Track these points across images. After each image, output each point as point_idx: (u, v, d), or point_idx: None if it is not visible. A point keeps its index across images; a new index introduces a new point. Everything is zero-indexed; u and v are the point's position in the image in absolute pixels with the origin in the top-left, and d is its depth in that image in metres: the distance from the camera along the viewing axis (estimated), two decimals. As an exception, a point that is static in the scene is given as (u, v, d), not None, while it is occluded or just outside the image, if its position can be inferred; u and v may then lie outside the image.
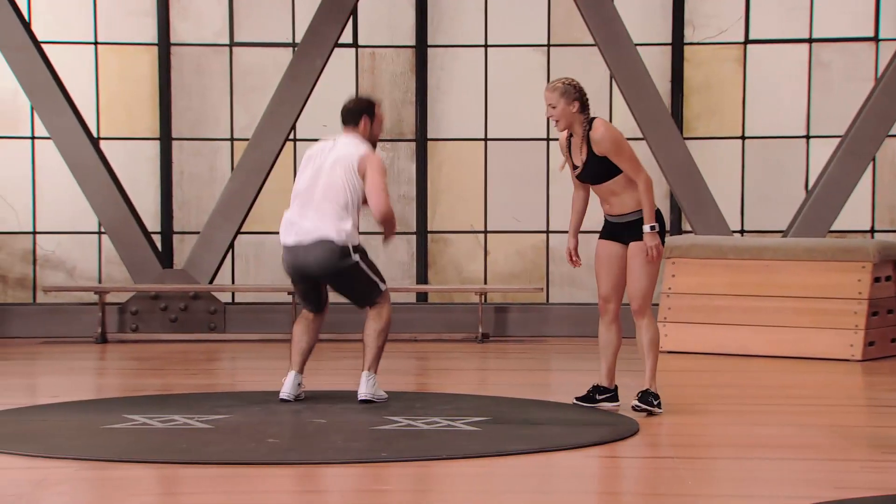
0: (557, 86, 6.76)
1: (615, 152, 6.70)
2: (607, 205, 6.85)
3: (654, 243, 6.74)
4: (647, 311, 6.84)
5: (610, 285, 6.91)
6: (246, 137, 11.38)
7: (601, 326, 6.98)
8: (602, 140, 6.69)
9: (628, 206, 6.79)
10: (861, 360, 9.43)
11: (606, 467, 5.89)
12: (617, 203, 6.81)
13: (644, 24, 11.53)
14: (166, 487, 5.46)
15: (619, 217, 6.84)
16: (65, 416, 6.86)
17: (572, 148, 6.84)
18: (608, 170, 6.73)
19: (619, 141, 6.70)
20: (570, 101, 6.73)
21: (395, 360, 9.41)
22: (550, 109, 6.76)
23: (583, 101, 6.75)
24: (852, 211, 11.17)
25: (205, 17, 11.67)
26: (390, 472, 5.59)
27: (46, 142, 11.27)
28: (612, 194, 6.80)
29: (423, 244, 11.70)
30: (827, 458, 5.98)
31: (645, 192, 6.72)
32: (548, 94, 6.75)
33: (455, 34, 11.72)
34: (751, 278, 9.85)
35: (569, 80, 6.81)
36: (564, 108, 6.74)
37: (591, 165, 6.75)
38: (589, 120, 6.76)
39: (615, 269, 6.88)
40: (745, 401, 7.79)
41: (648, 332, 6.84)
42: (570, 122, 6.77)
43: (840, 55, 11.55)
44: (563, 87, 6.75)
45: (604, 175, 6.75)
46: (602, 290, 6.93)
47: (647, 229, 6.74)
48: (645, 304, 6.82)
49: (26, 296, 11.58)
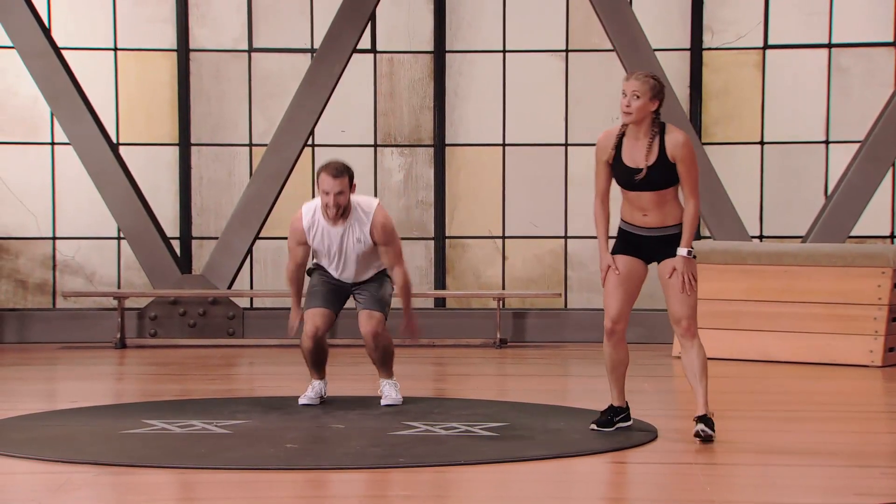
0: (650, 80, 6.26)
1: (689, 162, 6.23)
2: (645, 215, 6.35)
3: (692, 269, 6.30)
4: (696, 331, 6.35)
5: (623, 306, 6.38)
6: (264, 143, 11.40)
7: (608, 347, 6.44)
8: (684, 144, 6.23)
9: (669, 219, 6.33)
10: (881, 365, 9.39)
11: (624, 474, 5.88)
12: (659, 215, 6.33)
13: (662, 29, 11.51)
14: (185, 492, 5.47)
15: (653, 230, 6.35)
16: (84, 422, 6.88)
17: (627, 149, 6.33)
18: (671, 177, 6.27)
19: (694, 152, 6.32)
20: (654, 99, 6.26)
21: (413, 365, 9.41)
22: (634, 99, 6.23)
23: (661, 102, 6.30)
24: (872, 216, 11.13)
25: (224, 24, 11.71)
26: (408, 478, 5.59)
27: (66, 148, 11.31)
28: (657, 204, 6.32)
29: (441, 249, 11.70)
30: (847, 464, 5.95)
31: (695, 214, 6.28)
32: (636, 84, 6.25)
33: (473, 40, 11.73)
34: (770, 284, 9.83)
35: (658, 77, 6.35)
36: (646, 104, 6.24)
37: (658, 169, 6.25)
38: (661, 123, 6.32)
39: (631, 289, 6.40)
40: (765, 407, 7.76)
41: (700, 356, 6.34)
42: (642, 119, 6.26)
43: (859, 60, 11.51)
44: (654, 83, 6.26)
45: (664, 182, 6.28)
46: (613, 311, 6.38)
47: (683, 253, 6.29)
48: (693, 323, 6.32)
49: (46, 301, 11.62)
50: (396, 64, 11.78)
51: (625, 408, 6.59)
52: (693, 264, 6.32)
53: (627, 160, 6.32)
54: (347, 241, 7.16)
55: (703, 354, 6.38)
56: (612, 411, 6.57)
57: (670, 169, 6.26)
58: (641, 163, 6.29)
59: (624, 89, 6.28)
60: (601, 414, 6.59)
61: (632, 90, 6.25)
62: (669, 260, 6.33)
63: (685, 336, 6.35)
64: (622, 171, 6.34)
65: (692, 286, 6.30)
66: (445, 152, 11.70)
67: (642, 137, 6.30)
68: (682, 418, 7.03)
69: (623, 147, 6.34)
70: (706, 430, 6.27)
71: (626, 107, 6.26)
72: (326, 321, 7.29)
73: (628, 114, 6.27)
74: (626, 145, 6.33)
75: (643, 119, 6.27)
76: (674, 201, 6.33)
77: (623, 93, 6.28)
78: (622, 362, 6.48)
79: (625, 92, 6.27)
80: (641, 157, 6.29)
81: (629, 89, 6.26)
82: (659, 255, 6.38)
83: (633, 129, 6.31)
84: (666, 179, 6.28)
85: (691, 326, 6.33)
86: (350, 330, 10.27)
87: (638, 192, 6.32)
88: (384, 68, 11.72)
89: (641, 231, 6.38)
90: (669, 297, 6.35)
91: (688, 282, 6.29)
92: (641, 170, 6.29)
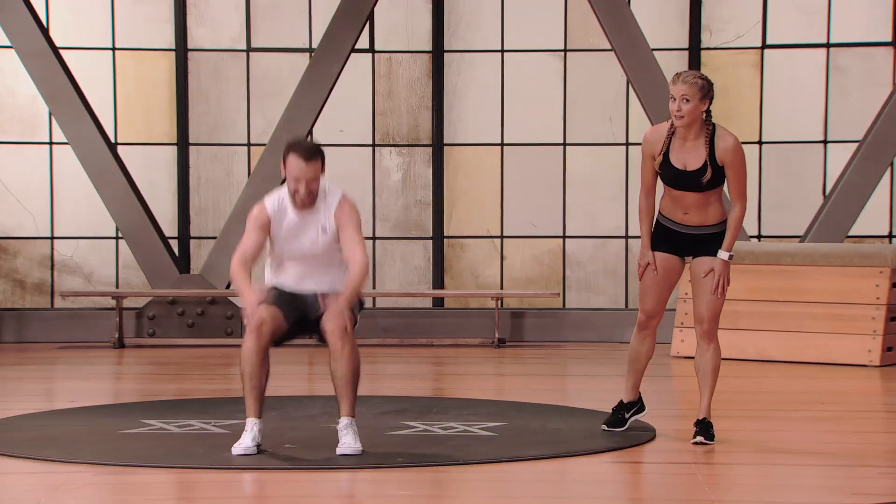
0: (698, 81, 6.13)
1: (739, 164, 6.17)
2: (688, 214, 6.27)
3: (727, 272, 6.25)
4: (716, 333, 6.32)
5: (659, 301, 6.36)
6: (263, 143, 11.39)
7: (636, 339, 6.41)
8: (734, 149, 6.15)
9: (711, 219, 6.26)
10: (879, 365, 9.40)
11: (623, 473, 5.88)
12: (701, 215, 6.25)
13: (661, 28, 11.51)
14: (183, 492, 5.46)
15: (696, 228, 6.28)
16: (82, 421, 6.88)
17: (675, 150, 6.22)
18: (718, 180, 6.20)
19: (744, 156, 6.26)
20: (704, 99, 6.14)
21: (411, 364, 9.40)
22: (683, 103, 6.11)
23: (711, 101, 6.18)
24: (870, 216, 11.13)
25: (222, 23, 11.70)
26: (406, 478, 5.59)
27: (64, 147, 11.31)
28: (701, 204, 6.23)
29: (440, 249, 11.70)
30: (845, 464, 5.96)
31: (740, 218, 6.22)
32: (685, 88, 6.11)
33: (472, 39, 11.73)
34: (768, 283, 9.83)
35: (705, 76, 6.24)
36: (697, 106, 6.11)
37: (705, 171, 6.17)
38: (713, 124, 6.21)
39: (668, 285, 6.35)
40: (763, 406, 7.77)
41: (713, 359, 6.33)
42: (693, 121, 6.15)
43: (857, 60, 11.52)
44: (703, 83, 6.14)
45: (710, 184, 6.19)
46: (649, 306, 6.36)
47: (725, 256, 6.23)
48: (715, 326, 6.30)
49: (44, 301, 11.61)
50: (395, 63, 11.78)
51: (636, 401, 6.54)
52: (729, 268, 6.28)
53: (675, 161, 6.23)
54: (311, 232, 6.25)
55: (718, 359, 6.35)
56: (623, 408, 6.53)
57: (717, 172, 6.19)
58: (691, 165, 6.19)
59: (672, 93, 6.15)
60: (611, 413, 6.54)
61: (681, 94, 6.12)
62: (706, 259, 6.28)
63: (703, 337, 6.33)
64: (669, 172, 6.24)
65: (724, 290, 6.27)
66: (444, 152, 11.70)
67: (692, 139, 6.20)
68: (680, 418, 7.03)
69: (672, 147, 6.24)
70: (703, 442, 6.28)
71: (676, 111, 6.15)
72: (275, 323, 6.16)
73: (680, 118, 6.15)
74: (675, 146, 6.23)
75: (693, 122, 6.16)
76: (717, 203, 6.27)
77: (672, 97, 6.15)
78: (646, 355, 6.44)
79: (674, 96, 6.14)
80: (691, 159, 6.20)
81: (678, 93, 6.13)
82: (694, 251, 6.33)
83: (682, 130, 6.20)
84: (714, 182, 6.21)
85: (712, 329, 6.31)
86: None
87: (683, 191, 6.24)
88: (382, 68, 11.72)
89: (680, 228, 6.32)
90: (697, 296, 6.32)
91: (722, 285, 6.25)
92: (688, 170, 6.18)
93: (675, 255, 6.35)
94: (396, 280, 11.73)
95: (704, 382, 6.35)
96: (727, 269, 6.26)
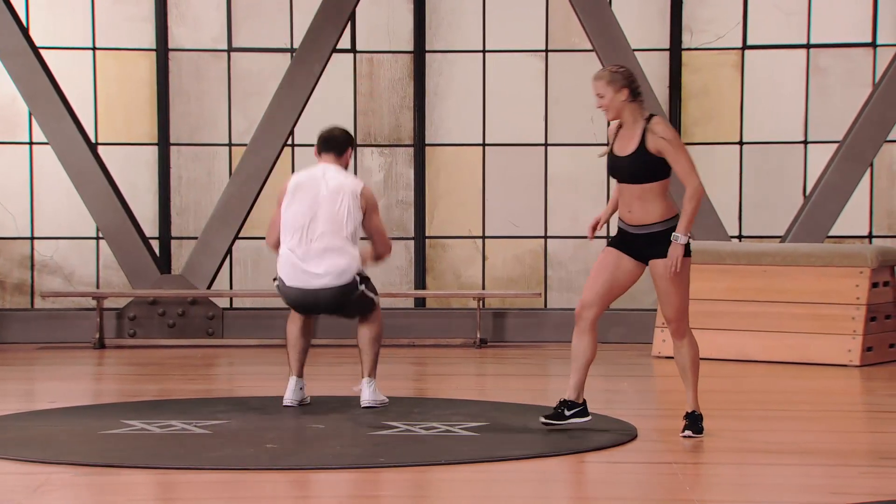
0: (603, 74, 6.35)
1: (672, 149, 6.22)
2: (629, 211, 6.35)
3: (678, 254, 6.23)
4: (686, 329, 6.37)
5: (598, 292, 6.38)
6: (244, 143, 11.38)
7: (574, 335, 6.45)
8: (663, 134, 6.24)
9: (652, 217, 6.31)
10: (859, 365, 9.43)
11: (605, 473, 5.89)
12: (641, 211, 6.32)
13: (642, 29, 11.53)
14: (164, 493, 5.45)
15: (637, 227, 6.35)
16: (63, 422, 6.86)
17: (618, 139, 6.37)
18: (651, 171, 6.27)
19: (678, 137, 6.31)
20: (618, 88, 6.30)
21: (393, 365, 9.40)
22: (599, 99, 6.34)
23: (632, 87, 6.31)
24: (850, 216, 11.16)
25: (203, 23, 11.68)
26: (388, 478, 5.59)
27: (44, 147, 11.27)
28: (639, 199, 6.30)
29: (422, 249, 11.70)
30: (825, 463, 5.98)
31: (690, 198, 6.23)
32: (595, 84, 6.34)
33: (453, 40, 11.73)
34: (749, 284, 9.85)
35: (616, 66, 6.43)
36: (613, 97, 6.29)
37: (635, 160, 6.27)
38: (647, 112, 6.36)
39: (612, 279, 6.37)
40: (743, 406, 7.79)
41: (690, 352, 6.39)
42: (620, 111, 6.32)
43: (838, 61, 11.55)
44: (609, 74, 6.34)
45: (642, 174, 6.27)
46: (586, 295, 6.39)
47: (678, 238, 6.23)
48: (683, 323, 6.34)
49: (24, 301, 11.57)
50: (376, 64, 11.77)
51: (579, 403, 6.52)
52: (680, 248, 6.26)
53: (616, 149, 6.39)
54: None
55: (694, 352, 6.41)
56: (565, 404, 6.53)
57: (650, 162, 6.26)
58: (624, 151, 6.34)
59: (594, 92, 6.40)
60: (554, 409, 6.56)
61: (596, 92, 6.37)
62: (660, 261, 6.32)
63: (675, 335, 6.41)
64: (609, 159, 6.41)
65: (675, 272, 6.26)
66: (425, 152, 11.70)
67: (628, 128, 6.36)
68: (661, 418, 7.05)
69: (617, 137, 6.41)
70: (691, 436, 6.35)
71: (598, 107, 6.40)
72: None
73: (605, 111, 6.38)
74: (620, 136, 6.41)
75: (621, 111, 6.33)
76: (657, 199, 6.30)
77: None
78: (583, 353, 6.45)
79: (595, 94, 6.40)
80: (627, 147, 6.34)
81: (594, 91, 6.38)
82: (650, 254, 6.37)
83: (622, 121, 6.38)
84: (646, 172, 6.27)
85: (680, 328, 6.36)
86: (331, 330, 10.26)
87: (623, 184, 6.36)
88: (364, 68, 11.71)
89: (629, 228, 6.39)
90: (660, 298, 6.39)
91: (672, 266, 6.25)
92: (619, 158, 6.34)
93: (628, 255, 6.39)
94: (378, 280, 11.64)
95: (685, 377, 6.44)
96: (678, 249, 6.26)
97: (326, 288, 7.02)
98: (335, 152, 7.20)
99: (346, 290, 7.06)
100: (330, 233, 7.01)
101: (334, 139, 7.22)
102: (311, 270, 7.02)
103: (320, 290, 7.02)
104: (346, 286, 7.05)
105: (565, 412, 6.50)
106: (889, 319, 9.78)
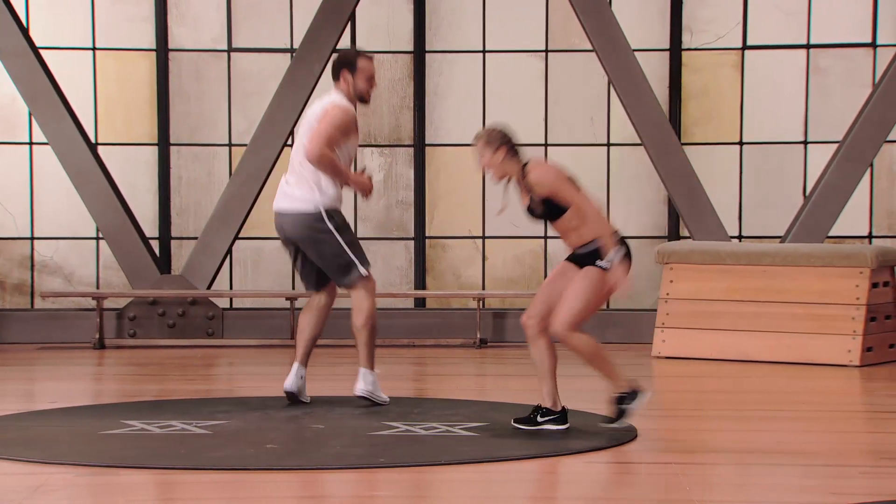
0: (480, 135, 6.49)
1: (556, 189, 6.38)
2: (567, 240, 6.54)
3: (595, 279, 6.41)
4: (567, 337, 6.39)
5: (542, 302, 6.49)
6: (244, 143, 11.38)
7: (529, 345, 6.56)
8: (538, 182, 6.40)
9: (587, 238, 6.45)
10: (859, 365, 9.43)
11: (604, 473, 5.89)
12: (574, 238, 6.49)
13: (642, 29, 11.53)
14: (164, 493, 5.46)
15: (579, 249, 6.51)
16: (63, 422, 6.86)
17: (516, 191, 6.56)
18: (554, 210, 6.44)
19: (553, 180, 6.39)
20: (494, 149, 6.45)
21: (393, 365, 9.41)
22: (480, 160, 6.48)
23: (509, 145, 6.44)
24: (850, 217, 11.17)
25: (203, 23, 11.68)
26: (388, 478, 5.59)
27: (44, 147, 11.27)
28: (567, 230, 6.48)
29: (422, 249, 11.70)
30: (824, 463, 5.98)
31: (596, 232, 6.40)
32: (475, 150, 6.49)
33: (453, 40, 11.73)
34: (749, 284, 9.86)
35: (490, 127, 6.55)
36: (491, 159, 6.44)
37: (536, 208, 6.49)
38: (523, 164, 6.46)
39: (557, 288, 6.50)
40: (744, 406, 7.79)
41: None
42: (504, 170, 6.47)
43: (838, 61, 11.56)
44: (485, 135, 6.48)
45: (550, 215, 6.48)
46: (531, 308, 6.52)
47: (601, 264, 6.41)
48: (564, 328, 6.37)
49: (24, 301, 11.57)
50: (376, 64, 11.72)
51: (555, 410, 6.57)
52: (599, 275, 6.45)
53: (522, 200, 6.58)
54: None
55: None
56: (538, 411, 6.60)
57: (549, 204, 6.44)
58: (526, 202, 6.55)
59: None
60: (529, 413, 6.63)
61: (477, 162, 6.52)
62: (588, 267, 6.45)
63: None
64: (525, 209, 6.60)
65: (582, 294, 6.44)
66: (425, 152, 11.70)
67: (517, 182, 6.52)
68: (661, 418, 7.05)
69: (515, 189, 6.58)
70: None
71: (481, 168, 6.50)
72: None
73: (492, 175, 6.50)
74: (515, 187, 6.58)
75: (505, 170, 6.49)
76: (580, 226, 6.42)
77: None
78: (541, 360, 6.54)
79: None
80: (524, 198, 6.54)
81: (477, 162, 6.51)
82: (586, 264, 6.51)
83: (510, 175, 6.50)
84: (551, 213, 6.48)
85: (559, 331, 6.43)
86: (331, 330, 10.26)
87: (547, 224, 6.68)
88: (364, 68, 11.70)
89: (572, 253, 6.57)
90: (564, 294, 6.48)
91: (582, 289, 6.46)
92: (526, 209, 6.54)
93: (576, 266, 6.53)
94: (378, 280, 11.69)
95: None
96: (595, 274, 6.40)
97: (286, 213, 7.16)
98: (334, 78, 7.33)
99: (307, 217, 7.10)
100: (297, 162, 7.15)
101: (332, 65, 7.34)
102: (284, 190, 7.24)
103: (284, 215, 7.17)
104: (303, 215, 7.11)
105: (538, 418, 6.58)
106: (889, 319, 9.78)
